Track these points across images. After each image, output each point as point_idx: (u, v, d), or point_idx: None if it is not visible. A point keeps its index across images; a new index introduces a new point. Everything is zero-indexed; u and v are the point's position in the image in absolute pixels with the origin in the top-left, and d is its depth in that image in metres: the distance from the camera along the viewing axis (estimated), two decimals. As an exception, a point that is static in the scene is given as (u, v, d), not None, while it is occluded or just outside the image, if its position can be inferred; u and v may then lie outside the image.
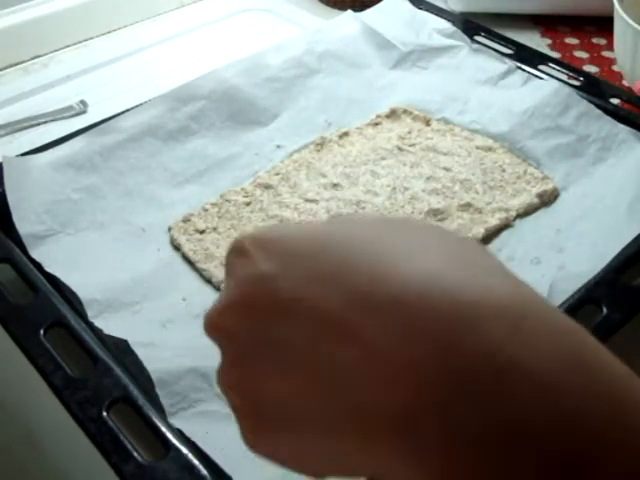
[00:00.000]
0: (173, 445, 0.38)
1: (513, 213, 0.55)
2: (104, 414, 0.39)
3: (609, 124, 0.60)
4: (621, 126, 0.60)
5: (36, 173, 0.54)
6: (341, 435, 0.21)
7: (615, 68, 0.73)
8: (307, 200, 0.56)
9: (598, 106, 0.61)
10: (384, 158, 0.61)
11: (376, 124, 0.64)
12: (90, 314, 0.46)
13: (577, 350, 0.21)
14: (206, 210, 0.56)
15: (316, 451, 0.22)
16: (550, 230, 0.54)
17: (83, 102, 0.69)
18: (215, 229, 0.54)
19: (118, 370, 0.41)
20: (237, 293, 0.22)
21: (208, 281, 0.51)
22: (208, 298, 0.49)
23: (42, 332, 0.43)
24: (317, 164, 0.60)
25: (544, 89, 0.64)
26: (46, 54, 0.77)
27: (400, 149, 0.61)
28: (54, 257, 0.49)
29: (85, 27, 0.79)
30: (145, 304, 0.48)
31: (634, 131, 0.60)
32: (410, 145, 0.62)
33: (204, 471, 0.37)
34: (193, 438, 0.39)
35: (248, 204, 0.56)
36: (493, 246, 0.53)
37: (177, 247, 0.53)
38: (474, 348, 0.19)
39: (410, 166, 0.60)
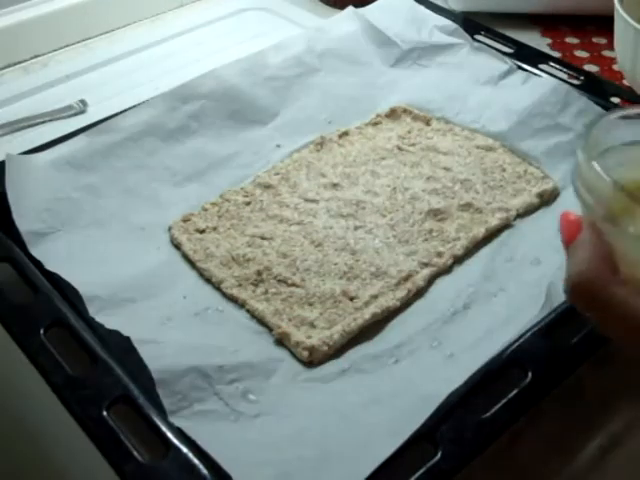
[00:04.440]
0: (173, 444, 0.38)
1: (513, 213, 0.55)
2: (104, 413, 0.39)
3: (609, 122, 0.60)
4: (621, 124, 0.60)
5: (36, 172, 0.54)
6: None
7: (615, 67, 0.73)
8: (307, 200, 0.56)
9: (599, 105, 0.61)
10: (384, 158, 0.61)
11: (376, 124, 0.64)
12: (91, 311, 0.46)
13: None
14: (206, 210, 0.56)
15: None
16: (550, 230, 0.54)
17: (83, 102, 0.69)
18: (215, 229, 0.54)
19: (118, 369, 0.41)
20: None
21: (208, 280, 0.51)
22: (208, 297, 0.49)
23: (42, 332, 0.43)
24: (317, 164, 0.60)
25: (543, 87, 0.64)
26: (46, 54, 0.77)
27: (400, 149, 0.61)
28: (54, 255, 0.49)
29: (85, 27, 0.79)
30: (145, 302, 0.48)
31: (634, 130, 0.60)
32: (410, 145, 0.62)
33: (204, 470, 0.37)
34: (193, 437, 0.39)
35: (248, 204, 0.56)
36: (493, 246, 0.53)
37: (177, 246, 0.53)
38: None
39: (410, 166, 0.60)
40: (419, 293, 0.50)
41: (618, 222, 0.27)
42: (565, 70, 0.67)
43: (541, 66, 0.67)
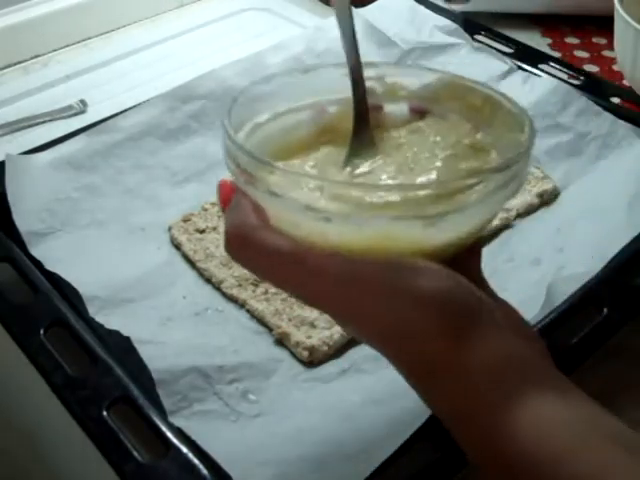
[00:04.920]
0: (173, 444, 0.38)
1: (513, 213, 0.55)
2: (104, 413, 0.39)
3: (608, 120, 0.60)
4: (620, 122, 0.60)
5: (36, 172, 0.54)
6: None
7: (615, 67, 0.73)
8: (307, 199, 0.56)
9: (599, 105, 0.61)
10: (384, 157, 0.60)
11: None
12: (91, 311, 0.46)
13: None
14: (206, 210, 0.56)
15: None
16: (550, 230, 0.54)
17: (83, 102, 0.69)
18: (215, 229, 0.54)
19: (118, 370, 0.41)
20: None
21: (208, 280, 0.51)
22: (208, 297, 0.49)
23: (42, 332, 0.43)
24: (317, 163, 0.60)
25: (543, 87, 0.63)
26: (46, 54, 0.77)
27: (400, 148, 0.61)
28: (54, 255, 0.49)
29: (85, 27, 0.79)
30: (145, 302, 0.48)
31: (634, 127, 0.60)
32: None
33: (204, 470, 0.37)
34: (193, 437, 0.39)
35: (248, 204, 0.56)
36: (493, 246, 0.53)
37: (177, 246, 0.53)
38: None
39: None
40: (419, 293, 0.50)
41: (256, 185, 0.30)
42: (565, 70, 0.67)
43: (541, 66, 0.67)
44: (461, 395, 0.27)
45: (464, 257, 0.32)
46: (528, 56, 0.69)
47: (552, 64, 0.67)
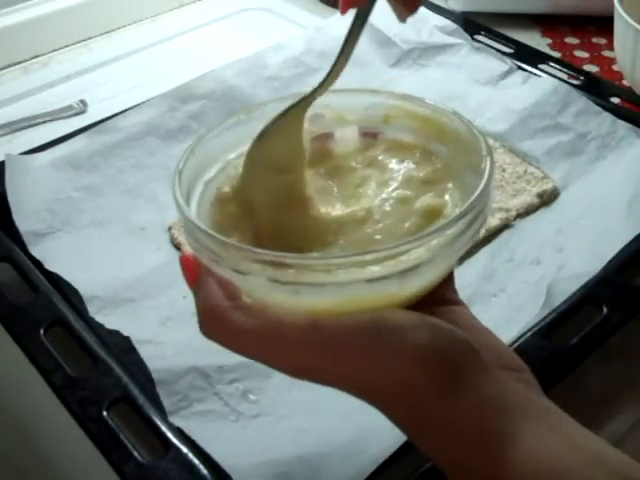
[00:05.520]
0: (173, 444, 0.38)
1: (513, 213, 0.55)
2: (104, 413, 0.39)
3: (608, 120, 0.60)
4: (620, 122, 0.60)
5: (37, 172, 0.54)
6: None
7: (615, 68, 0.73)
8: (307, 200, 0.56)
9: (598, 105, 0.61)
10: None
11: (376, 123, 0.64)
12: (91, 311, 0.46)
13: None
14: (206, 210, 0.56)
15: None
16: (550, 230, 0.54)
17: (83, 102, 0.69)
18: (215, 229, 0.54)
19: (118, 370, 0.41)
20: None
21: (208, 280, 0.51)
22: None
23: (42, 331, 0.43)
24: (317, 163, 0.60)
25: (543, 87, 0.64)
26: (46, 54, 0.77)
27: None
28: (54, 255, 0.49)
29: (85, 27, 0.79)
30: (145, 302, 0.48)
31: (634, 127, 0.60)
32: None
33: (204, 470, 0.37)
34: (193, 437, 0.39)
35: (248, 204, 0.56)
36: (493, 246, 0.53)
37: (177, 246, 0.53)
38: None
39: (410, 165, 0.60)
40: (419, 293, 0.50)
41: (219, 262, 0.29)
42: (565, 70, 0.67)
43: (541, 66, 0.67)
44: (459, 446, 0.27)
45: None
46: (528, 56, 0.69)
47: (552, 64, 0.67)
